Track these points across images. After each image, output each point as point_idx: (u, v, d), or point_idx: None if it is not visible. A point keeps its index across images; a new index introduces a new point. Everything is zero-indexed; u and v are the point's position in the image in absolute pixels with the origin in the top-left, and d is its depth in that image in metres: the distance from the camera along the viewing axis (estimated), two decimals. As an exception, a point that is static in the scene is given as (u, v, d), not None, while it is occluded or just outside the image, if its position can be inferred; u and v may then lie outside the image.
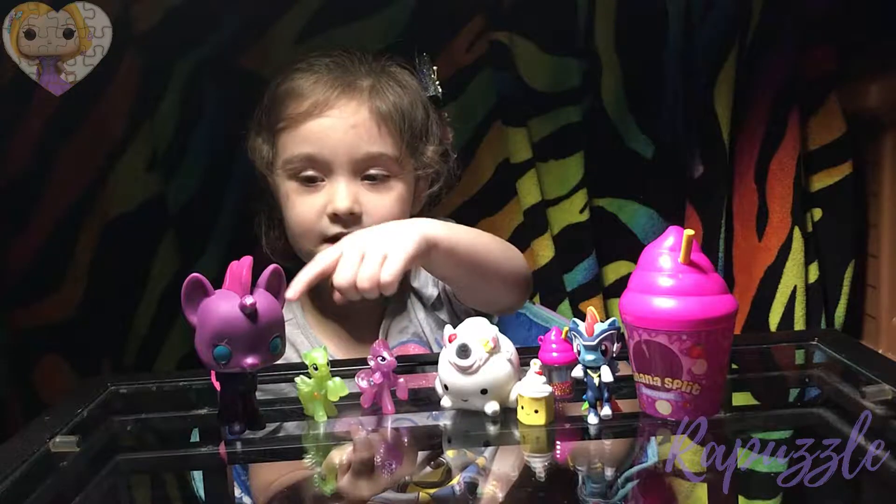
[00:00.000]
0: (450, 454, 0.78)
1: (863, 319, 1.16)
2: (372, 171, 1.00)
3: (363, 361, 0.84)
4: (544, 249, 1.24)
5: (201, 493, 0.77)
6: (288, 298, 0.79)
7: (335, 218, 1.00)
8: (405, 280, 1.07)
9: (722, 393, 0.77)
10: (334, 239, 0.97)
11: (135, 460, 0.81)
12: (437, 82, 1.06)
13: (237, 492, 0.78)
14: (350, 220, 0.99)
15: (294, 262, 1.00)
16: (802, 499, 0.69)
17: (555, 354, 0.83)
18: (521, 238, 1.24)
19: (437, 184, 1.07)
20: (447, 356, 0.78)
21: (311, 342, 1.05)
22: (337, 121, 0.99)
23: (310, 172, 1.00)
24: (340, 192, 0.99)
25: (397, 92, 1.02)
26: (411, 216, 1.05)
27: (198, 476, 0.78)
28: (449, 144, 1.08)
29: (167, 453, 0.84)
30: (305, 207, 1.01)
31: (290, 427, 0.84)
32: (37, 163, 1.14)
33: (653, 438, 0.77)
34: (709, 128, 1.17)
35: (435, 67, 1.07)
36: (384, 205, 1.01)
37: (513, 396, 0.78)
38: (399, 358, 0.83)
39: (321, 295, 1.05)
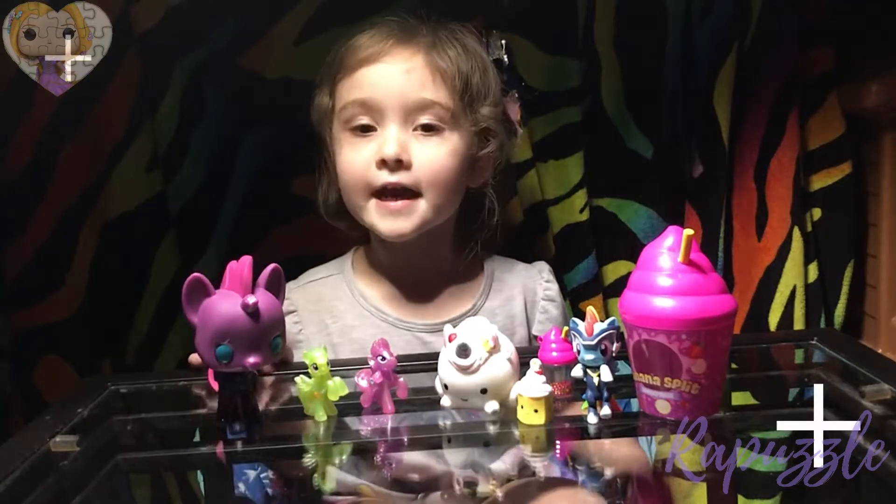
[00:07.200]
0: (449, 454, 0.78)
1: (862, 319, 1.16)
2: (424, 120, 1.00)
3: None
4: (544, 249, 1.24)
5: (201, 492, 0.77)
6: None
7: (382, 164, 0.99)
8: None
9: (721, 392, 0.77)
10: (381, 191, 0.99)
11: (135, 460, 0.81)
12: (505, 54, 1.08)
13: (237, 491, 0.78)
14: (397, 168, 0.98)
15: (347, 222, 1.06)
16: (802, 499, 0.69)
17: (554, 354, 0.83)
18: (522, 237, 1.24)
19: (488, 147, 1.05)
20: (447, 356, 0.78)
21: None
22: (390, 66, 1.00)
23: (363, 120, 1.00)
24: (389, 139, 0.98)
25: (456, 49, 1.03)
26: (477, 186, 1.06)
27: (198, 475, 0.78)
28: (516, 121, 1.08)
29: (167, 453, 0.84)
30: (356, 156, 1.01)
31: (290, 427, 0.84)
32: (37, 163, 1.13)
33: (652, 438, 0.78)
34: (708, 128, 1.17)
35: (504, 41, 1.08)
36: (436, 156, 0.99)
37: (512, 396, 0.78)
38: (399, 357, 0.83)
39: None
